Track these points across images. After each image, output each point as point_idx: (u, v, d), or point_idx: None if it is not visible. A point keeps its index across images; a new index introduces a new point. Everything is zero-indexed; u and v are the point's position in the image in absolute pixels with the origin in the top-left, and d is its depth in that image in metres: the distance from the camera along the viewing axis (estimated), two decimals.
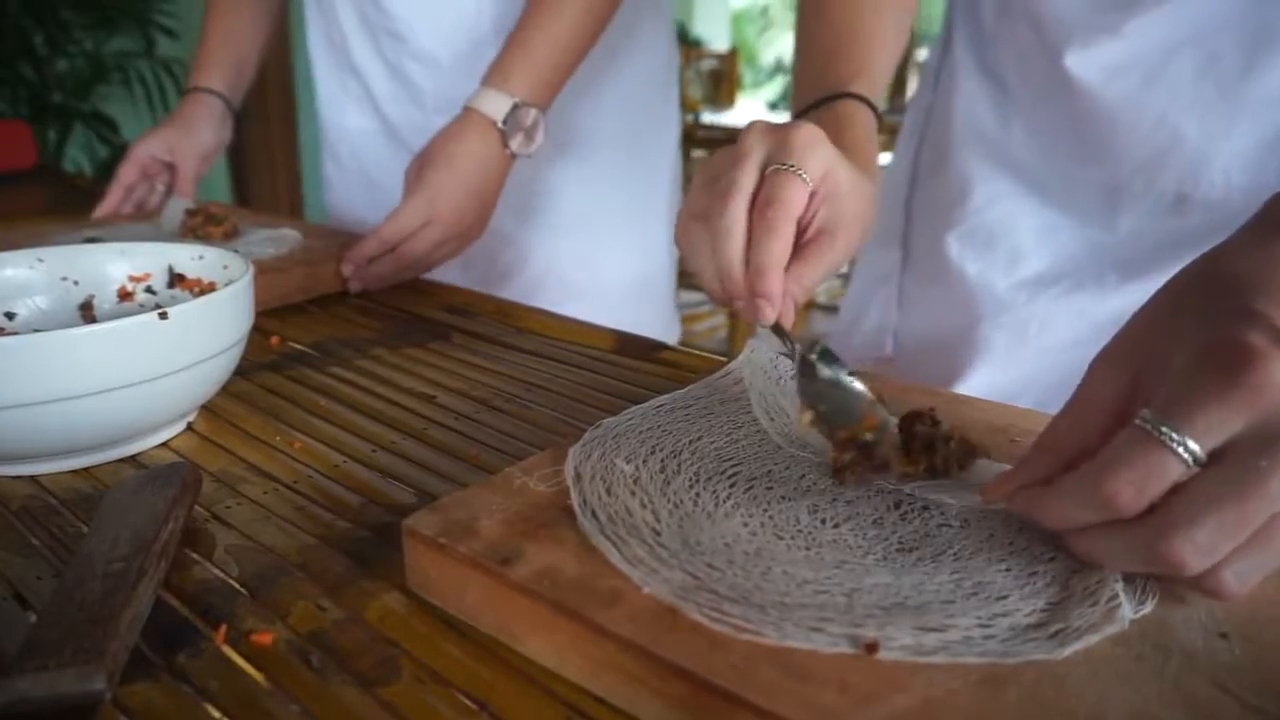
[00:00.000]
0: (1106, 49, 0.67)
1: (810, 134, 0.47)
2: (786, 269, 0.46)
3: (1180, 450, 0.30)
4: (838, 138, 0.50)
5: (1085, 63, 0.68)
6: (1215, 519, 0.30)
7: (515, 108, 0.84)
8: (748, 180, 0.46)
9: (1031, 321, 0.76)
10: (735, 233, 0.45)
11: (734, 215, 0.46)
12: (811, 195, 0.47)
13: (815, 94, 0.59)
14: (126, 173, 1.03)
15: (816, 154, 0.47)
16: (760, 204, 0.46)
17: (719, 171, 0.48)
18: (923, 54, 4.33)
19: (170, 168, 1.05)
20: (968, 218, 0.79)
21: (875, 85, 0.59)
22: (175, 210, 0.95)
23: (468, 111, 0.85)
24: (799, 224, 0.47)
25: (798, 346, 0.47)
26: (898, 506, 0.40)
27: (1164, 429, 0.31)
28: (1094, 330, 0.74)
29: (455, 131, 0.84)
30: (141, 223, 0.98)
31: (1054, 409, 0.37)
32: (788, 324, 0.47)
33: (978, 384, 0.77)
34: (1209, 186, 0.67)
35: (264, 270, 0.79)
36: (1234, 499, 0.30)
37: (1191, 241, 0.69)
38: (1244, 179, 0.65)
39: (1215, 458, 0.31)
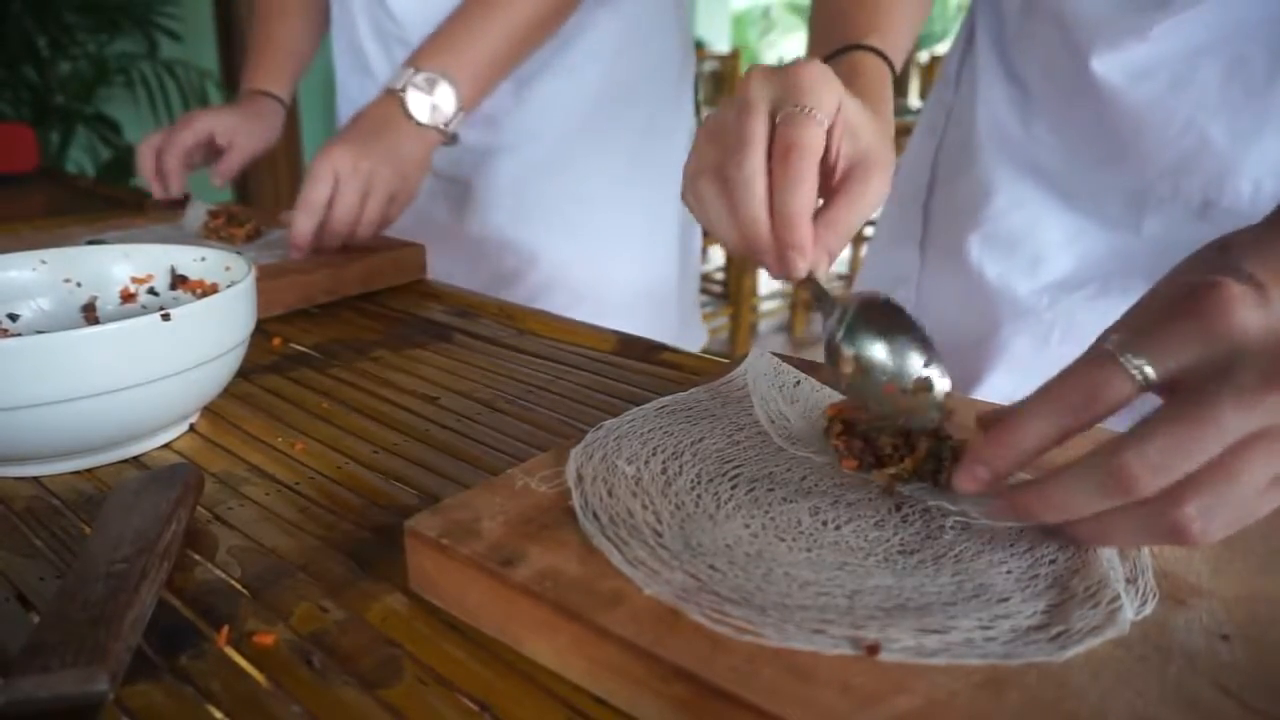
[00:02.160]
0: (1133, 51, 0.66)
1: (816, 71, 0.44)
2: (816, 217, 0.44)
3: (1131, 369, 0.32)
4: (848, 83, 0.47)
5: (1111, 65, 0.67)
6: (1165, 435, 0.31)
7: (414, 72, 0.86)
8: (759, 128, 0.44)
9: (1055, 326, 0.75)
10: (756, 185, 0.43)
11: (752, 167, 0.43)
12: (830, 133, 0.44)
13: (828, 48, 0.57)
14: (184, 138, 1.02)
15: (827, 90, 0.44)
16: (778, 152, 0.43)
17: (725, 123, 0.45)
18: (924, 56, 4.33)
19: (214, 151, 1.04)
20: (990, 220, 0.78)
21: (891, 44, 0.57)
22: (198, 212, 0.95)
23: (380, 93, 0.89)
24: (822, 168, 0.44)
25: (837, 303, 0.44)
26: (899, 509, 0.40)
27: (1122, 349, 0.32)
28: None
29: (361, 107, 0.89)
30: (162, 224, 0.98)
31: None
32: (823, 276, 0.45)
33: (997, 389, 0.76)
34: (1235, 193, 0.66)
35: (286, 273, 0.79)
36: (1185, 419, 0.30)
37: None
38: (1273, 185, 0.65)
39: (1173, 386, 0.32)
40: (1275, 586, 0.34)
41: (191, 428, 0.56)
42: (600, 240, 1.09)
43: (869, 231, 1.25)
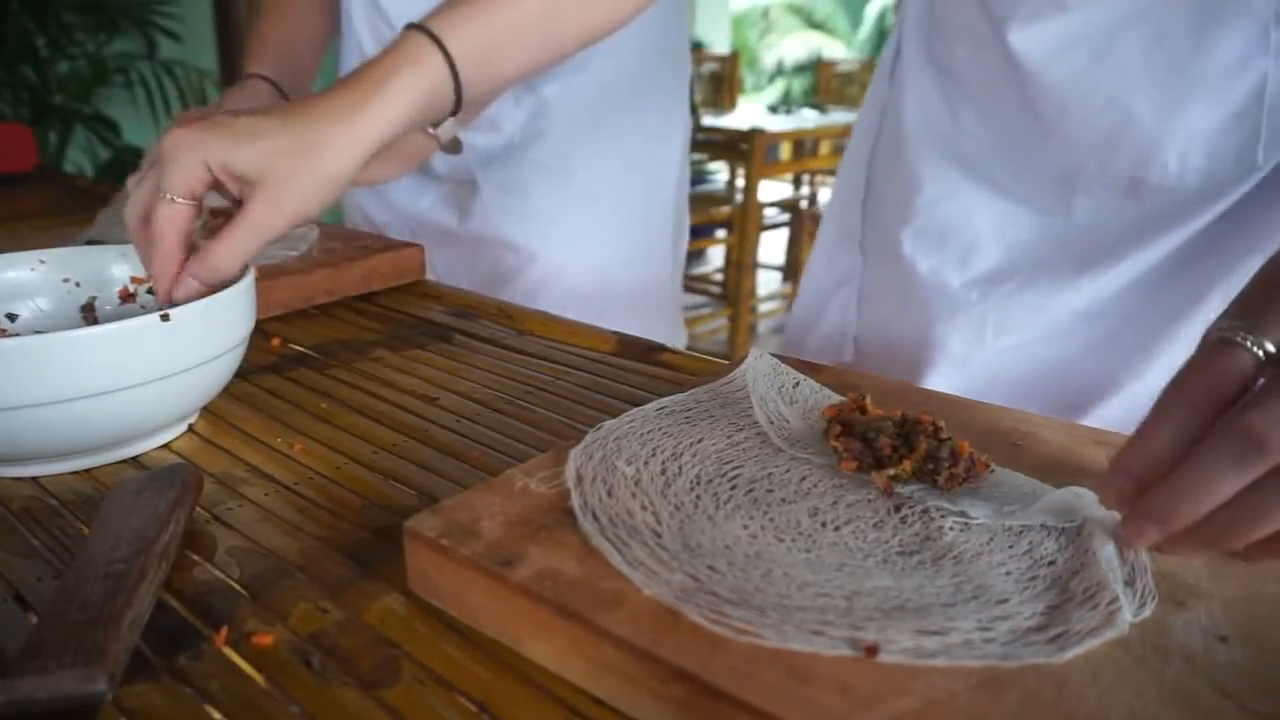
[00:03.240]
0: (1051, 24, 0.65)
1: (172, 141, 0.50)
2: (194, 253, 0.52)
3: (1250, 346, 0.32)
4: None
5: (1030, 40, 0.67)
6: None
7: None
8: (135, 215, 0.53)
9: (986, 320, 0.74)
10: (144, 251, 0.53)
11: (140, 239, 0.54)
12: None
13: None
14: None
15: (182, 161, 0.50)
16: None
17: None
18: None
19: None
20: (919, 214, 0.77)
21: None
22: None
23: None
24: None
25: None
26: (898, 510, 0.40)
27: (1234, 330, 0.32)
28: (1054, 326, 0.72)
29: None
30: None
31: (1027, 407, 0.37)
32: (180, 298, 0.51)
33: (937, 387, 0.75)
34: (1162, 169, 0.64)
35: (286, 273, 0.79)
36: None
37: (1150, 228, 0.68)
38: (1200, 161, 0.64)
39: None
40: (1273, 588, 0.34)
41: (190, 428, 0.56)
42: (597, 241, 1.09)
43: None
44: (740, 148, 3.23)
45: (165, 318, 0.47)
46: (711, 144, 3.47)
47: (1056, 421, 0.49)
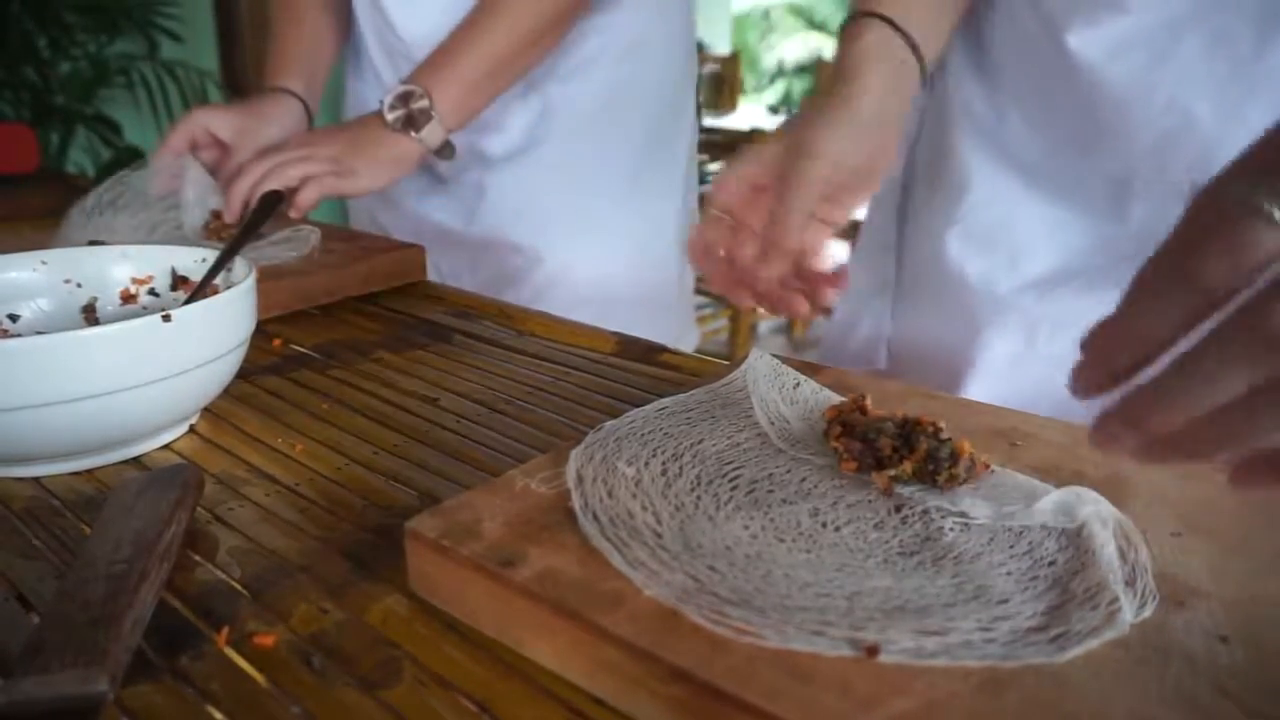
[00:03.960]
0: (1111, 26, 0.64)
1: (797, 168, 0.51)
2: None
3: (1268, 208, 0.26)
4: (834, 74, 0.52)
5: (1088, 41, 0.65)
6: None
7: (402, 105, 0.91)
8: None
9: (1040, 326, 0.73)
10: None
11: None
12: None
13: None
14: (176, 141, 0.99)
15: (805, 185, 0.51)
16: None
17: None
18: None
19: (222, 149, 1.02)
20: (967, 215, 0.76)
21: (908, 10, 0.58)
22: (199, 212, 0.94)
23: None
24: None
25: None
26: (899, 510, 0.40)
27: (1260, 196, 0.26)
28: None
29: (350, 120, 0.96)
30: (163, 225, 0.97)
31: (1075, 418, 0.35)
32: None
33: (978, 396, 0.73)
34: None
35: (288, 274, 0.79)
36: None
37: None
38: None
39: None
40: (1274, 589, 0.34)
41: (191, 428, 0.56)
42: (603, 242, 1.09)
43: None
44: (741, 148, 3.23)
45: (167, 318, 0.47)
46: (712, 145, 3.47)
47: (1057, 422, 0.49)
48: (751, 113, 4.30)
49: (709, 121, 4.14)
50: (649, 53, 1.09)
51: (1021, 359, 0.74)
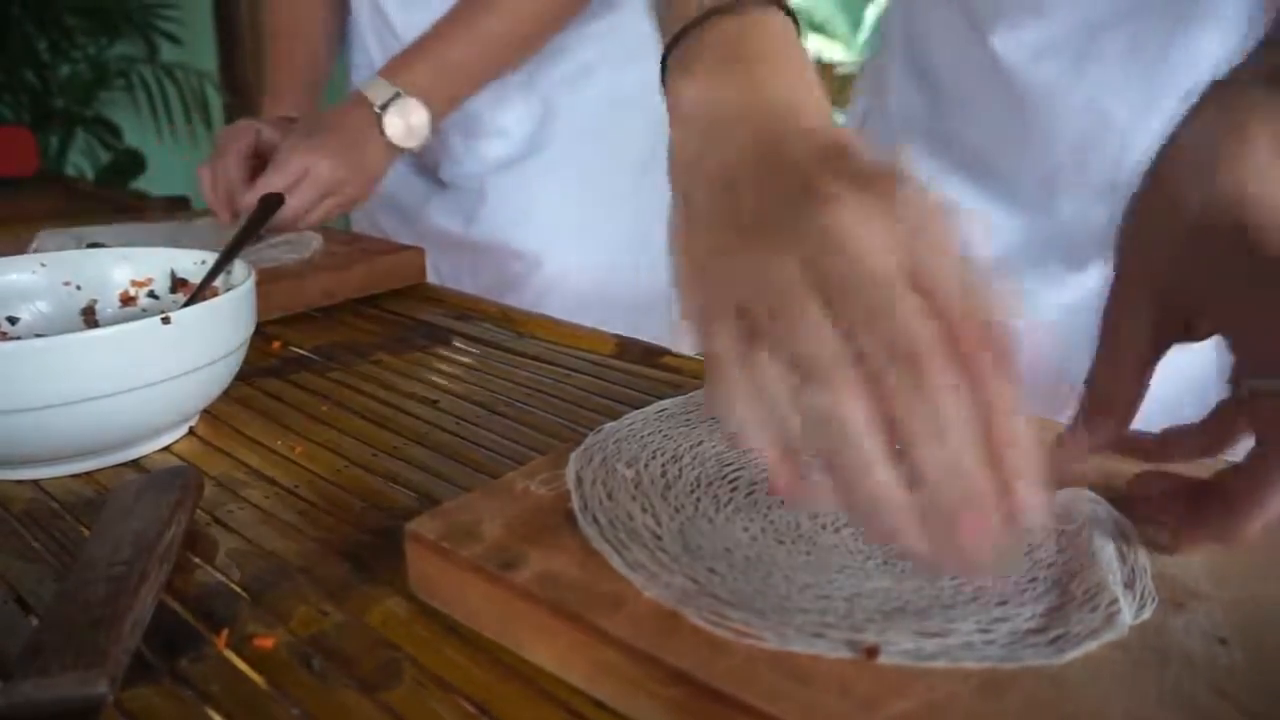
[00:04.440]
0: (1032, 29, 0.66)
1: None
2: None
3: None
4: (747, 62, 0.36)
5: (1011, 44, 0.68)
6: None
7: (397, 96, 0.89)
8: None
9: None
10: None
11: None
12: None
13: (690, 10, 0.40)
14: (240, 149, 0.94)
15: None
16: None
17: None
18: None
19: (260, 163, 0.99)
20: None
21: None
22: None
23: (353, 94, 0.91)
24: None
25: None
26: None
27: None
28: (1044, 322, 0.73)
29: (335, 108, 0.91)
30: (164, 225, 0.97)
31: None
32: None
33: None
34: (1137, 172, 0.65)
35: (286, 277, 0.79)
36: None
37: None
38: None
39: None
40: (1273, 590, 0.34)
41: (191, 431, 0.56)
42: (603, 246, 1.09)
43: None
44: None
45: (166, 320, 0.47)
46: None
47: (1051, 423, 0.49)
48: None
49: None
50: (651, 56, 1.09)
51: None
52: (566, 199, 1.08)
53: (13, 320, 0.59)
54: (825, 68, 5.43)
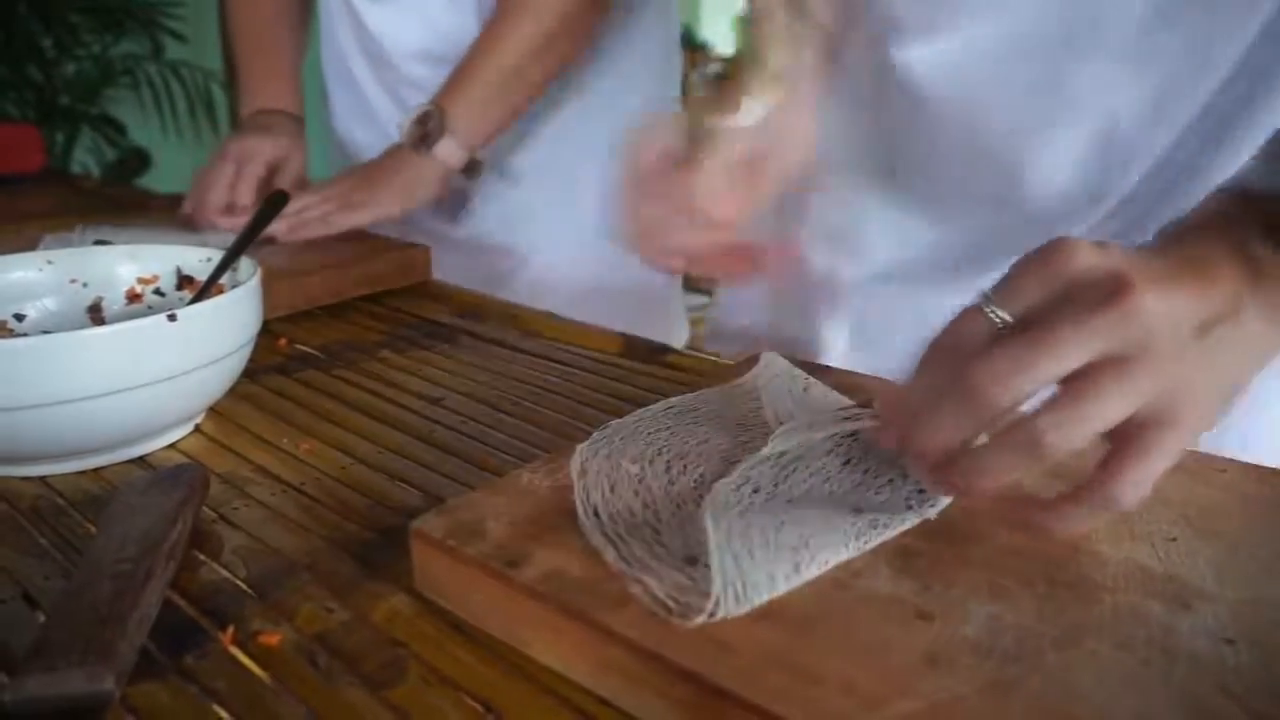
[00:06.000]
0: (927, 46, 0.68)
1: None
2: None
3: (989, 312, 0.36)
4: None
5: (910, 59, 0.69)
6: (1007, 352, 0.34)
7: (421, 114, 0.92)
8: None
9: (870, 319, 0.77)
10: None
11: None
12: None
13: None
14: (255, 170, 0.97)
15: None
16: None
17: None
18: None
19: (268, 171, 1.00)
20: (815, 213, 0.79)
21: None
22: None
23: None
24: None
25: None
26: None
27: (984, 300, 0.36)
28: (935, 328, 0.74)
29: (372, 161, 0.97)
30: (167, 224, 0.97)
31: None
32: None
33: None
34: (1022, 191, 0.67)
35: (293, 274, 0.79)
36: (1025, 339, 0.34)
37: (1021, 238, 0.70)
38: (1064, 180, 0.66)
39: (1027, 325, 0.35)
40: None
41: (197, 428, 0.56)
42: (590, 241, 1.09)
43: None
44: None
45: (172, 318, 0.47)
46: None
47: None
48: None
49: None
50: (631, 49, 1.10)
51: (857, 352, 0.78)
52: (552, 194, 1.09)
53: (20, 317, 0.60)
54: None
